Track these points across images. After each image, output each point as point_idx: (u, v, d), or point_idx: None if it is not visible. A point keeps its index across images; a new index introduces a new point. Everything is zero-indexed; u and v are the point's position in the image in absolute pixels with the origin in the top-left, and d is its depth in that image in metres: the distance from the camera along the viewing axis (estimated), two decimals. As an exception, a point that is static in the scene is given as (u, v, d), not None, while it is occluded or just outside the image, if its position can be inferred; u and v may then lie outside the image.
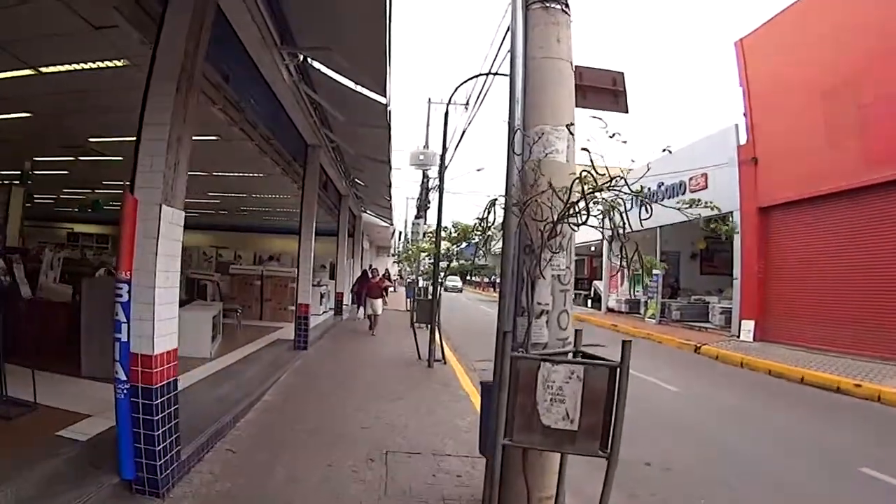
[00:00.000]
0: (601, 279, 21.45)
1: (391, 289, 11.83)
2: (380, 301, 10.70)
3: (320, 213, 14.71)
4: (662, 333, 13.63)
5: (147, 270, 3.06)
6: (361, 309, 11.98)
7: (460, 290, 40.35)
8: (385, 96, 5.42)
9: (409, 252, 13.32)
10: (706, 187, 14.25)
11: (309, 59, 5.50)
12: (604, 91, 3.40)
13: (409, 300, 15.01)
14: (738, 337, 12.41)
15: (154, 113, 3.16)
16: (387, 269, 23.63)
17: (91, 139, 7.97)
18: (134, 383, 3.04)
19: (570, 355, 2.86)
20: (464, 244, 8.96)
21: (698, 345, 11.54)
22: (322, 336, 10.42)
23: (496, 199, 3.20)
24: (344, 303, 14.82)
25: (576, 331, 2.99)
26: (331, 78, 5.64)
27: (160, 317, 3.10)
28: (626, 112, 3.38)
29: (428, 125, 19.78)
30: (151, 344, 3.05)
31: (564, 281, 2.94)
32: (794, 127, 11.79)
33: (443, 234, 8.72)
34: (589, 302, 22.46)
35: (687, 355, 11.25)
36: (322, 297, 13.27)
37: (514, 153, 2.86)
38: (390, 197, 13.42)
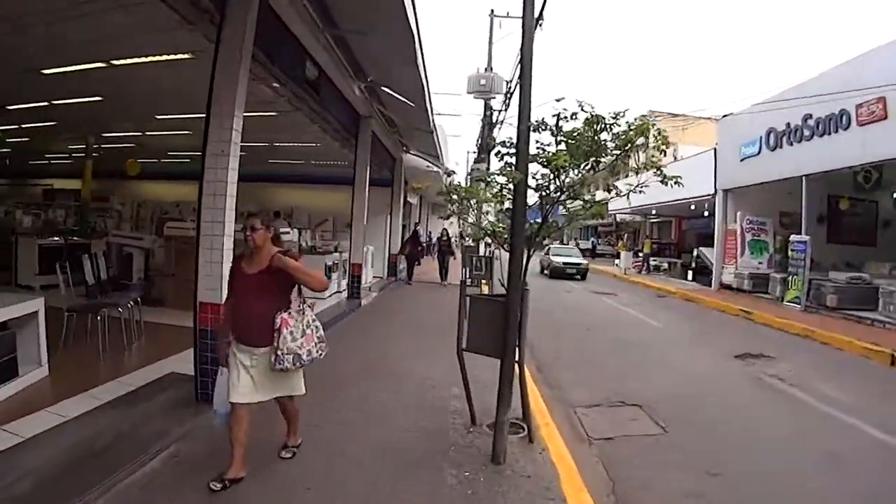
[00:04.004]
0: (707, 246, 16.51)
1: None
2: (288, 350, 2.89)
3: (335, 149, 10.78)
4: (824, 329, 9.06)
5: None
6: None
7: (584, 275, 18.34)
8: None
9: (458, 193, 4.32)
10: (885, 117, 9.54)
11: None
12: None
13: (465, 271, 9.62)
14: (946, 338, 7.94)
15: None
16: (444, 230, 19.92)
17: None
18: None
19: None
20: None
21: (896, 353, 7.16)
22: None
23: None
24: (365, 281, 10.98)
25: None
26: None
27: None
28: None
29: (490, 43, 15.65)
30: None
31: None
32: None
33: (537, 141, 3.58)
34: (689, 274, 17.55)
35: (886, 373, 6.88)
36: (329, 270, 9.69)
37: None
38: (428, 101, 8.52)
